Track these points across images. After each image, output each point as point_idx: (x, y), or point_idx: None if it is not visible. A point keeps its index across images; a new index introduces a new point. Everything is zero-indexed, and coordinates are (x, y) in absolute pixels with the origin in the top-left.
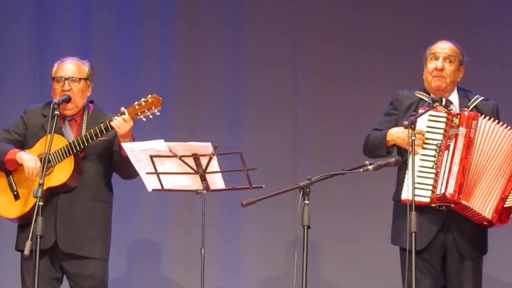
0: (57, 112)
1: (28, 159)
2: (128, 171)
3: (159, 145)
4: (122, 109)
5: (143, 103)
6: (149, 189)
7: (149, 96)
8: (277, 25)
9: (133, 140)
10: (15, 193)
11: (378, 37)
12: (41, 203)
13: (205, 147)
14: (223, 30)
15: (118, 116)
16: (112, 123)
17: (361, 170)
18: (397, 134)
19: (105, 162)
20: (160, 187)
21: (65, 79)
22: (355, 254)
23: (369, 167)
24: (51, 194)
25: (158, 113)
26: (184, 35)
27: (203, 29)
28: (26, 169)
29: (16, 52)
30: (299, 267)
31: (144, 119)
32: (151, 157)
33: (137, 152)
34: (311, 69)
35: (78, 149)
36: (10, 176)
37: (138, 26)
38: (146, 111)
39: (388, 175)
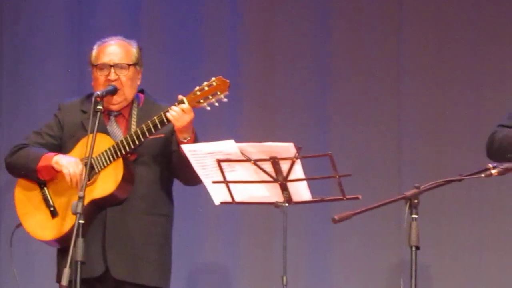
0: (101, 107)
1: (68, 163)
2: (192, 175)
3: (229, 147)
4: (180, 97)
5: (205, 88)
6: (217, 202)
7: (213, 79)
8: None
9: (195, 135)
10: (52, 209)
11: (501, 31)
12: (81, 221)
13: (286, 149)
14: (306, 17)
15: (175, 105)
16: (168, 115)
17: (483, 175)
18: None
19: (162, 165)
20: (230, 200)
21: (111, 66)
22: (475, 277)
23: (493, 171)
24: (96, 208)
25: (225, 99)
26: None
27: (282, 13)
28: (67, 176)
29: (50, 37)
30: None
31: (208, 108)
32: (219, 161)
33: (201, 155)
34: (415, 60)
35: (128, 150)
36: (45, 188)
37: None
38: (210, 97)
39: None
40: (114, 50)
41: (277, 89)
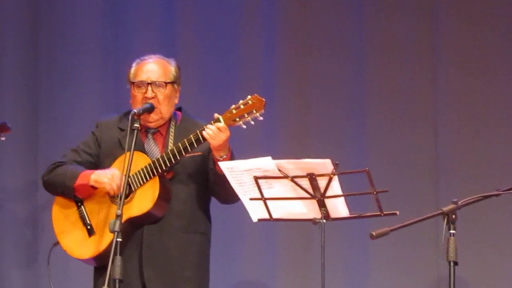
0: (137, 125)
1: (106, 177)
2: (228, 194)
3: (266, 164)
4: (216, 115)
5: (241, 106)
6: (254, 219)
7: (249, 97)
8: (410, 11)
9: (231, 153)
10: (89, 227)
11: None
12: (119, 239)
13: (324, 165)
14: (340, 15)
15: (211, 124)
16: (204, 133)
17: None
18: None
19: (198, 183)
20: (267, 216)
21: (148, 83)
22: None
23: None
24: (133, 226)
25: (261, 118)
26: (294, 20)
27: (315, 16)
28: (111, 191)
29: (85, 52)
30: None
31: (244, 126)
32: (256, 178)
33: (238, 172)
34: (453, 66)
35: (164, 168)
36: (82, 206)
37: (235, 18)
38: (246, 115)
39: None
40: (152, 68)
41: (313, 106)
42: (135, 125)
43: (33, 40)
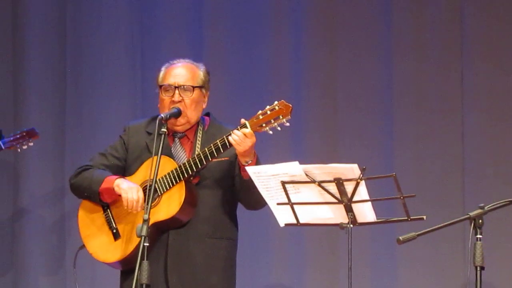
0: (165, 130)
1: (128, 188)
2: (254, 199)
3: (293, 169)
4: (243, 120)
5: (268, 112)
6: (281, 224)
7: (276, 103)
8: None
9: (256, 159)
10: (115, 231)
11: None
12: (146, 244)
13: (351, 170)
14: (368, 16)
15: (237, 129)
16: (230, 139)
17: None
18: None
19: (225, 188)
20: (294, 221)
21: (175, 87)
22: None
23: None
24: (158, 231)
25: (288, 124)
26: (321, 24)
27: (342, 17)
28: (124, 201)
29: (112, 55)
30: None
31: (271, 132)
32: (283, 183)
33: (265, 177)
34: (481, 68)
35: (190, 173)
36: (108, 210)
37: (262, 21)
38: (273, 121)
39: None
40: (180, 72)
41: (341, 110)
42: (162, 129)
43: (60, 43)
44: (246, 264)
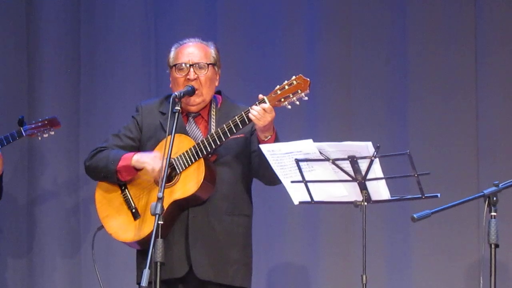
0: (178, 108)
1: (150, 159)
2: (272, 175)
3: (307, 147)
4: (261, 96)
5: (286, 87)
6: (296, 201)
7: (294, 77)
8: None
9: (275, 134)
10: (134, 211)
11: None
12: (160, 222)
13: (365, 148)
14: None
15: (256, 105)
16: (249, 115)
17: None
18: None
19: (242, 165)
20: (309, 199)
21: (190, 65)
22: None
23: None
24: (178, 209)
25: (306, 98)
26: (337, 9)
27: (357, 3)
28: (150, 171)
29: (125, 42)
30: None
31: (289, 107)
32: (297, 161)
33: (279, 155)
34: (495, 48)
35: (209, 150)
36: (126, 189)
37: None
38: (291, 96)
39: None
40: (193, 50)
41: (355, 89)
42: (176, 108)
43: (74, 30)
44: (261, 240)
